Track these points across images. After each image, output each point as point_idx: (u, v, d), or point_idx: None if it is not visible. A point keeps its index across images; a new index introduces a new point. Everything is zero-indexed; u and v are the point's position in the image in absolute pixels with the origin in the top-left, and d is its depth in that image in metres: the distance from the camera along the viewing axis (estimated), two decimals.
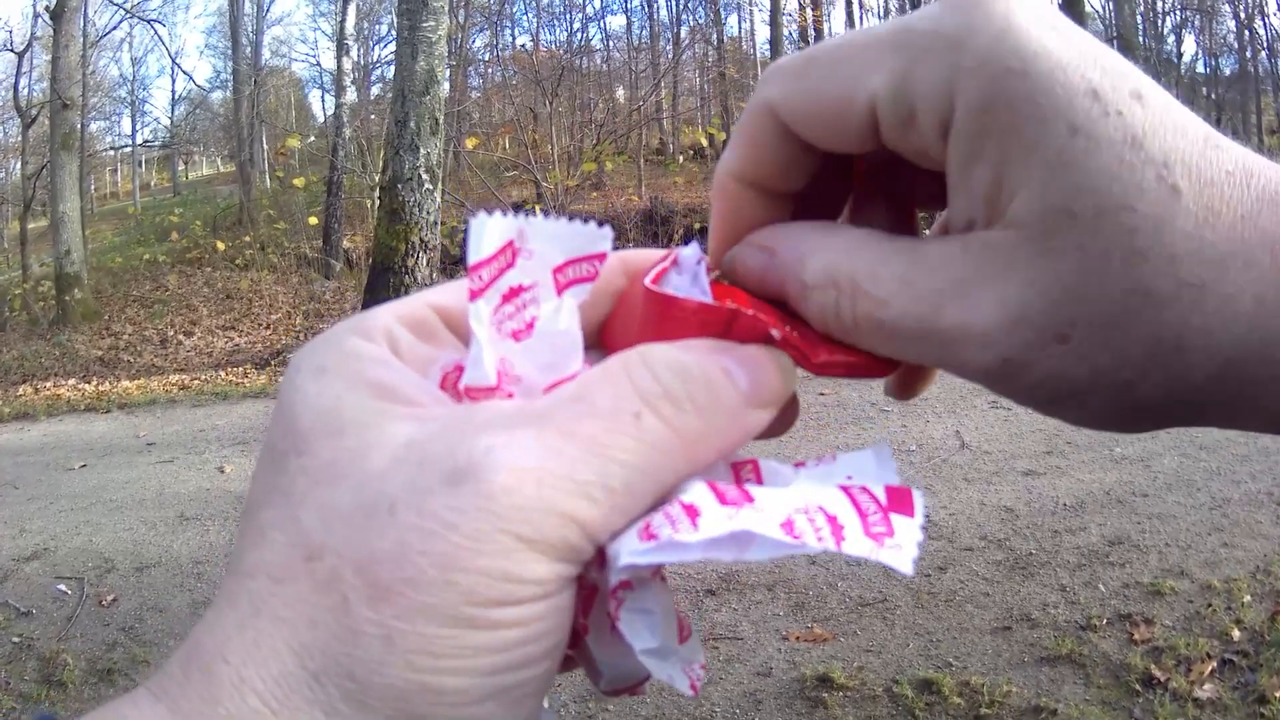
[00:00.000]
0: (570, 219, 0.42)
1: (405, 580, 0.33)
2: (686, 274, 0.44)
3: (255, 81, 30.14)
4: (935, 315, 0.38)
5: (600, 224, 0.43)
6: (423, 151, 12.35)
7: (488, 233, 0.40)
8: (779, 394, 0.40)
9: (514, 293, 0.41)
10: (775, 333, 0.41)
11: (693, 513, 0.36)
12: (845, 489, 0.39)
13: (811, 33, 28.60)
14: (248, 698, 0.33)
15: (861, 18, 35.78)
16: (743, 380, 0.39)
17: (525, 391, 0.41)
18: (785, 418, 0.44)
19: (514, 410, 0.37)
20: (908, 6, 28.01)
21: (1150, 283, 0.35)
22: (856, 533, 0.36)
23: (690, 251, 0.44)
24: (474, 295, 0.40)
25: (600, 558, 0.37)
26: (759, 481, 0.42)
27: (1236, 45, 29.42)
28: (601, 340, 0.46)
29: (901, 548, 0.36)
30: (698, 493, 0.37)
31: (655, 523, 0.36)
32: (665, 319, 0.41)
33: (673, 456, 0.37)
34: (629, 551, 0.36)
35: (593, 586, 0.40)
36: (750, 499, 0.37)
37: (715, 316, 0.41)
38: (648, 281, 0.42)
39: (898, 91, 0.37)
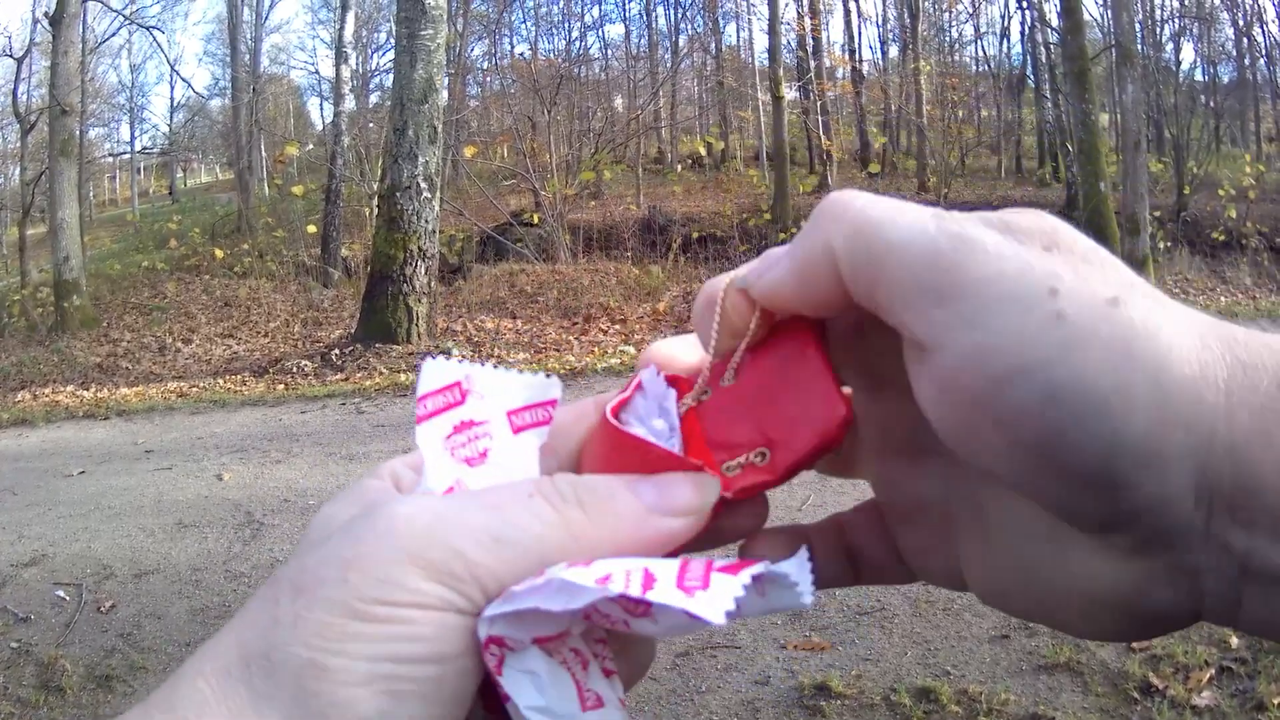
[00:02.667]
0: (519, 371, 0.50)
1: (317, 580, 0.41)
2: (652, 400, 0.50)
3: (254, 89, 30.16)
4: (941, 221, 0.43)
5: (548, 375, 0.50)
6: (421, 160, 12.38)
7: (435, 373, 0.48)
8: (692, 507, 0.46)
9: (466, 425, 0.48)
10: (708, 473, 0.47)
11: (540, 573, 0.41)
12: (685, 558, 0.44)
13: (809, 41, 28.60)
14: (197, 683, 0.40)
15: (860, 27, 35.87)
16: (648, 494, 0.45)
17: None
18: (746, 521, 0.51)
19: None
20: (906, 17, 28.07)
21: (1101, 255, 0.42)
22: (668, 584, 0.40)
23: (650, 377, 0.51)
24: (420, 420, 0.48)
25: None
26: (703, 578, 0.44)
27: (1235, 53, 29.48)
28: (577, 467, 0.51)
29: (712, 600, 0.39)
30: (558, 566, 0.42)
31: (515, 586, 0.41)
32: (614, 447, 0.48)
33: (554, 532, 0.43)
34: (488, 608, 0.41)
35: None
36: (590, 563, 0.42)
37: (657, 456, 0.47)
38: (608, 410, 0.48)
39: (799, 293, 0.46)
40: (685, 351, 0.52)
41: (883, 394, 0.51)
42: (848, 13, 33.26)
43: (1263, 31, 26.84)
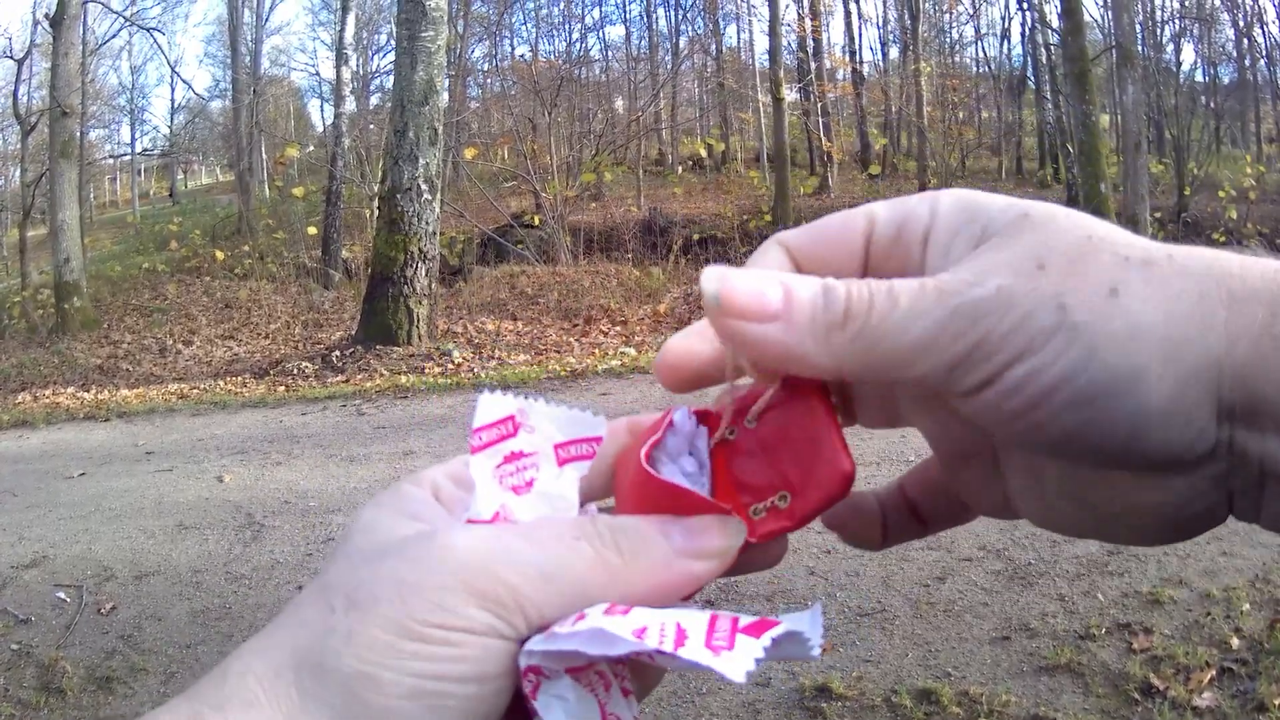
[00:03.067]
0: (570, 406, 0.54)
1: (373, 597, 0.44)
2: (683, 438, 0.53)
3: (254, 90, 30.15)
4: (941, 285, 0.45)
5: (596, 413, 0.54)
6: (422, 161, 12.37)
7: (491, 406, 0.52)
8: (718, 550, 0.49)
9: (515, 456, 0.52)
10: (734, 515, 0.49)
11: (579, 617, 0.44)
12: (714, 615, 0.46)
13: (810, 43, 28.60)
14: (247, 681, 0.43)
15: (860, 29, 35.87)
16: (678, 538, 0.48)
17: None
18: (769, 556, 0.54)
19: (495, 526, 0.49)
20: (906, 19, 28.07)
21: (1098, 230, 0.45)
22: (698, 642, 0.43)
23: (682, 417, 0.53)
24: (475, 450, 0.51)
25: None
26: (729, 639, 0.47)
27: (1235, 54, 29.48)
28: (612, 487, 0.55)
29: (736, 660, 0.42)
30: (598, 608, 0.45)
31: (555, 624, 0.44)
32: (649, 490, 0.49)
33: (594, 573, 0.46)
34: (530, 642, 0.44)
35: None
36: (627, 612, 0.45)
37: (688, 500, 0.49)
38: (643, 454, 0.50)
39: (890, 219, 0.50)
40: (699, 344, 0.53)
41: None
42: (848, 14, 33.30)
43: (1263, 32, 26.86)
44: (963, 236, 0.48)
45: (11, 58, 24.81)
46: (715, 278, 0.50)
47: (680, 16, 35.48)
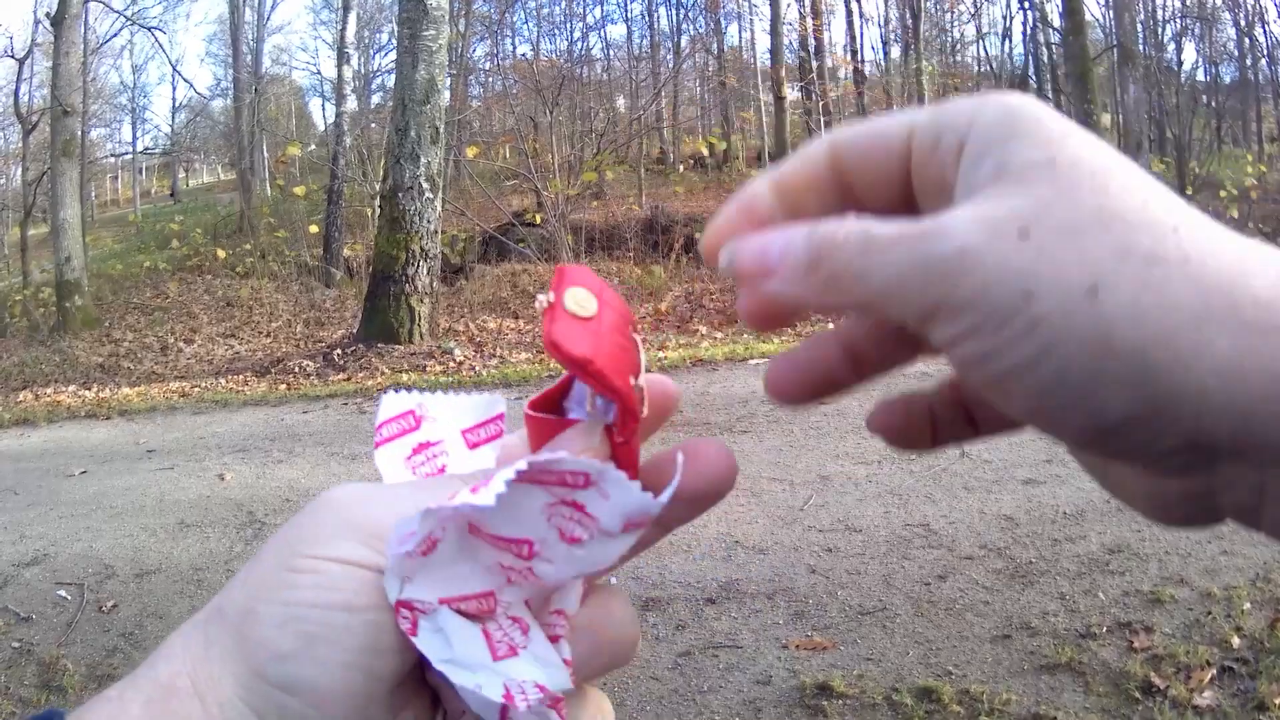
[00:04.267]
0: (468, 394, 0.58)
1: (267, 545, 0.49)
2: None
3: (256, 89, 30.18)
4: (921, 232, 0.42)
5: (492, 394, 0.58)
6: (423, 160, 12.38)
7: (392, 403, 0.57)
8: (579, 450, 0.49)
9: (423, 446, 0.55)
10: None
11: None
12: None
13: (811, 42, 28.60)
14: (172, 639, 0.48)
15: (862, 28, 35.85)
16: (544, 452, 0.48)
17: None
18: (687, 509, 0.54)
19: None
20: (908, 18, 28.05)
21: (1121, 203, 0.39)
22: (465, 492, 0.45)
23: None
24: (379, 445, 0.55)
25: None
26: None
27: (1237, 53, 29.46)
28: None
29: (489, 488, 0.44)
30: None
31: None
32: (533, 434, 0.52)
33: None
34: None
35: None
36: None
37: (555, 423, 0.52)
38: (527, 404, 0.52)
39: (932, 121, 0.46)
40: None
41: None
42: (850, 13, 33.26)
43: (1264, 31, 26.82)
44: (988, 162, 0.43)
45: (13, 57, 24.82)
46: (726, 256, 0.48)
47: (682, 15, 35.43)
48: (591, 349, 0.48)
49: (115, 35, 32.19)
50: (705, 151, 28.68)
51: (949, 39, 33.81)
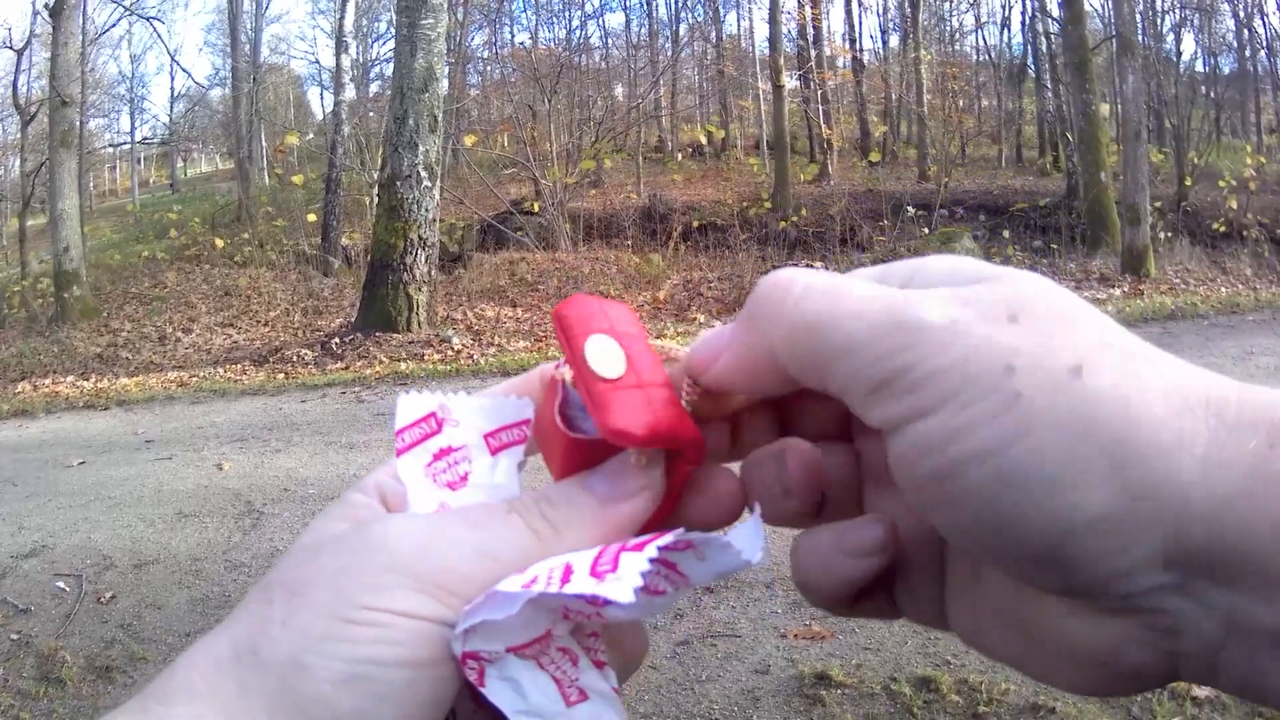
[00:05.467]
0: (492, 395, 0.54)
1: (308, 583, 0.44)
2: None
3: (254, 79, 30.12)
4: (904, 297, 0.42)
5: (519, 397, 0.54)
6: (421, 149, 12.36)
7: (411, 406, 0.52)
8: (637, 488, 0.49)
9: (445, 452, 0.52)
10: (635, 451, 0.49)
11: (496, 584, 0.44)
12: (604, 546, 0.46)
13: (810, 30, 28.56)
14: (191, 675, 0.43)
15: (861, 16, 35.80)
16: (600, 487, 0.49)
17: None
18: (720, 502, 0.52)
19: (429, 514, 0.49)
20: (907, 6, 28.02)
21: (1091, 312, 0.41)
22: (582, 574, 0.43)
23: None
24: (400, 452, 0.52)
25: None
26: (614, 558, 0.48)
27: (1236, 44, 29.46)
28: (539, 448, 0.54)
29: (621, 580, 0.42)
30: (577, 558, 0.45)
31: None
32: (569, 450, 0.50)
33: (527, 543, 0.47)
34: (458, 625, 0.44)
35: None
36: (523, 570, 0.45)
37: (605, 449, 0.49)
38: (556, 418, 0.49)
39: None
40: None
41: (864, 432, 0.52)
42: (848, 1, 33.26)
43: (1264, 22, 26.82)
44: (945, 282, 0.44)
45: (11, 47, 24.77)
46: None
47: (680, 3, 35.50)
48: (652, 415, 0.47)
49: (114, 25, 32.23)
50: (703, 140, 28.71)
51: (947, 28, 33.81)
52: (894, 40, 33.56)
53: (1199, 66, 30.02)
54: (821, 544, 0.49)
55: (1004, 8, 35.48)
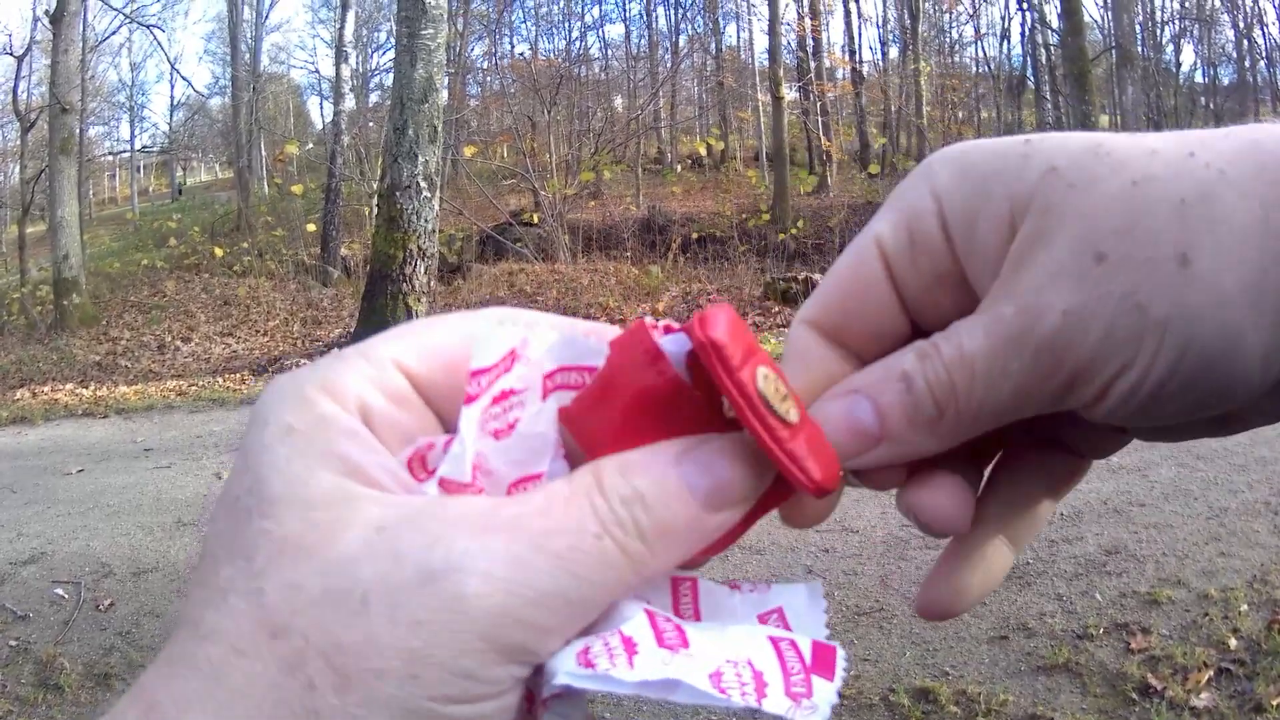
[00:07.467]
0: (574, 328, 0.45)
1: (372, 670, 0.34)
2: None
3: (254, 88, 30.20)
4: (1015, 325, 0.42)
5: (601, 339, 0.44)
6: (421, 159, 12.36)
7: (494, 343, 0.43)
8: (743, 494, 0.41)
9: (504, 395, 0.43)
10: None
11: (630, 648, 0.38)
12: (774, 641, 0.41)
13: (810, 42, 28.61)
14: None
15: (860, 28, 35.85)
16: (700, 485, 0.40)
17: (494, 485, 0.43)
18: (813, 511, 0.47)
19: (485, 511, 0.38)
20: (906, 18, 28.06)
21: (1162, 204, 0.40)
22: (778, 691, 0.38)
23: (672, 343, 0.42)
24: (469, 399, 0.42)
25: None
26: (695, 604, 0.45)
27: (1235, 55, 29.51)
28: (570, 411, 0.44)
29: (816, 709, 0.38)
30: (638, 624, 0.39)
31: (594, 650, 0.38)
32: (656, 399, 0.41)
33: (624, 575, 0.39)
34: (566, 672, 0.37)
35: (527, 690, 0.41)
36: (686, 643, 0.39)
37: (703, 410, 0.42)
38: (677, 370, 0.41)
39: (895, 221, 0.46)
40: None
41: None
42: (848, 13, 33.28)
43: (1263, 34, 26.93)
44: (988, 220, 0.43)
45: (11, 54, 24.85)
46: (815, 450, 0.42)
47: (680, 15, 35.50)
48: (827, 454, 0.42)
49: (114, 33, 32.34)
50: (703, 151, 28.71)
51: (947, 39, 33.85)
52: (893, 52, 33.56)
53: (1198, 77, 30.18)
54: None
55: (1003, 19, 35.64)
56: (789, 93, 24.10)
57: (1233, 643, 3.71)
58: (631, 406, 0.41)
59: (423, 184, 12.41)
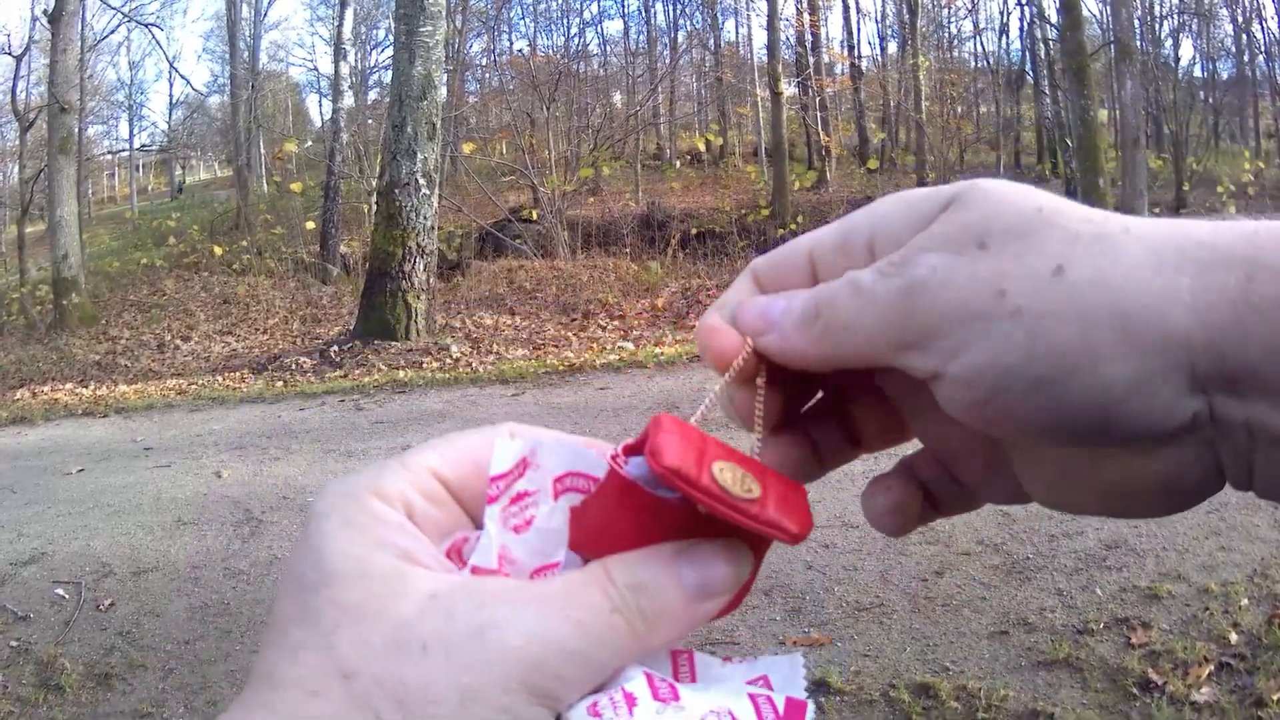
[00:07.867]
0: (576, 442, 0.52)
1: (431, 702, 0.41)
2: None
3: (253, 86, 30.15)
4: (891, 264, 0.46)
5: (601, 452, 0.51)
6: (420, 156, 12.36)
7: (508, 452, 0.50)
8: (727, 586, 0.48)
9: (520, 496, 0.50)
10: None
11: (631, 702, 0.44)
12: (753, 697, 0.47)
13: (808, 37, 28.60)
14: None
15: (859, 23, 35.82)
16: (691, 581, 0.46)
17: (517, 572, 0.49)
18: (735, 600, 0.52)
19: (518, 587, 0.46)
20: (905, 13, 28.03)
21: (1053, 204, 0.45)
22: (647, 706, 0.44)
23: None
24: (491, 500, 0.50)
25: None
26: (692, 672, 0.51)
27: (1234, 49, 29.50)
28: (575, 516, 0.51)
29: None
30: (638, 684, 0.45)
31: (601, 704, 0.44)
32: (643, 511, 0.47)
33: (630, 645, 0.45)
34: None
35: None
36: (677, 697, 0.46)
37: (683, 512, 0.47)
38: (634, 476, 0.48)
39: (837, 227, 0.52)
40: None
41: (885, 375, 0.55)
42: (846, 8, 33.25)
43: (1262, 28, 26.90)
44: (905, 224, 0.48)
45: (10, 54, 24.80)
46: (727, 315, 0.52)
47: (679, 11, 35.44)
48: (796, 508, 0.47)
49: (113, 32, 32.30)
50: (702, 147, 28.69)
51: (946, 34, 33.82)
52: (892, 47, 33.56)
53: (1197, 72, 30.13)
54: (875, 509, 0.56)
55: (1002, 14, 35.58)
56: (788, 88, 24.10)
57: (1233, 637, 3.71)
58: (624, 518, 0.48)
59: (422, 181, 12.41)
